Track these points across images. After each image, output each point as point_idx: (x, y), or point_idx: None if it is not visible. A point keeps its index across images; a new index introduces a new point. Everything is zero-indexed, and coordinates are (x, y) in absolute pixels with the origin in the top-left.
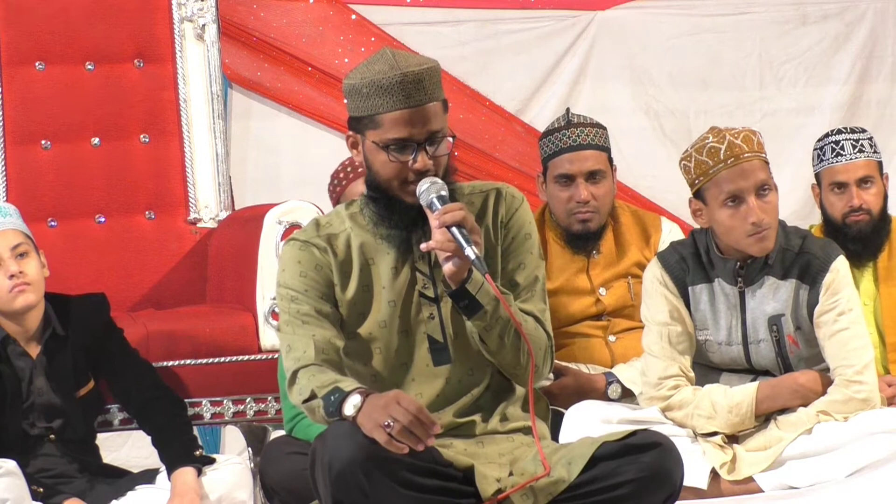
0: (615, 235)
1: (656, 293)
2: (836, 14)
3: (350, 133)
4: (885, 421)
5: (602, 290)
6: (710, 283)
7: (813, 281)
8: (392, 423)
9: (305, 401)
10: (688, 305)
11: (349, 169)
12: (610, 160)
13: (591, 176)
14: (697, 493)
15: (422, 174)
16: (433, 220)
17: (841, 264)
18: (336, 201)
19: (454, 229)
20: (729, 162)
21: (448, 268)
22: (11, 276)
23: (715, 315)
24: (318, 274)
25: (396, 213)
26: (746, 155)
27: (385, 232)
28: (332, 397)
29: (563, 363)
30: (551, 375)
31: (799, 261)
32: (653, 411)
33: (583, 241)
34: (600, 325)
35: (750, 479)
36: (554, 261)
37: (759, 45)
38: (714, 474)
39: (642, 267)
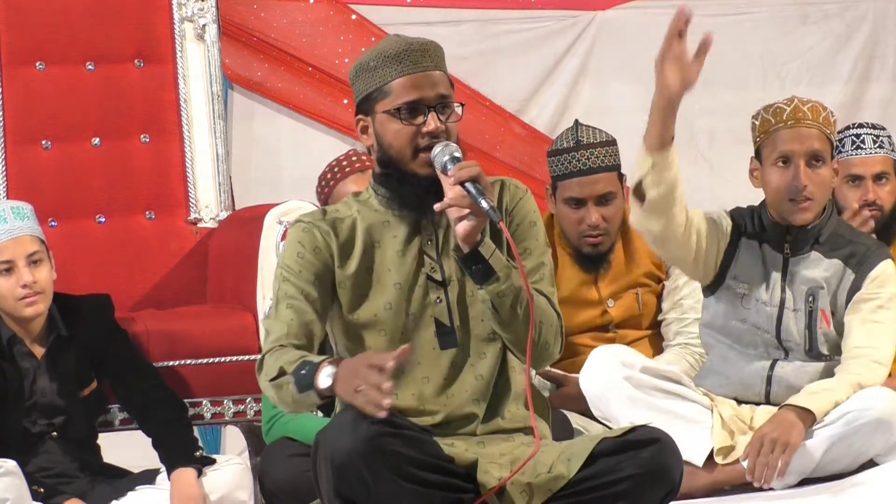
0: (624, 245)
1: (713, 214)
2: (837, 14)
3: (359, 117)
4: (872, 395)
5: (610, 302)
6: (759, 244)
7: (860, 268)
8: (363, 388)
9: (273, 379)
10: (730, 255)
11: (336, 169)
12: (620, 176)
13: (602, 199)
14: (693, 475)
15: (433, 137)
16: (447, 183)
17: (891, 267)
18: (324, 202)
19: (468, 184)
20: (789, 123)
21: (462, 227)
22: (24, 286)
23: (759, 274)
24: (316, 257)
25: (409, 186)
26: (807, 122)
27: (397, 209)
28: (302, 371)
29: (563, 373)
30: (550, 382)
31: (850, 247)
32: (676, 369)
33: (593, 262)
34: (606, 337)
35: (737, 461)
36: (563, 271)
37: (760, 45)
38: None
39: (652, 276)
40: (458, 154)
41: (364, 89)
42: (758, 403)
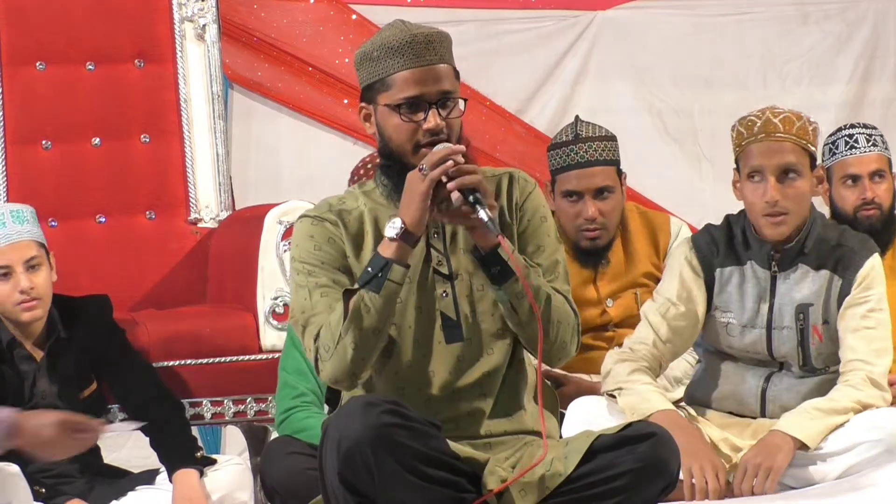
0: (624, 245)
1: (676, 270)
2: (837, 14)
3: (362, 105)
4: (882, 422)
5: (609, 302)
6: (740, 266)
7: (846, 273)
8: (423, 167)
9: (344, 321)
10: (711, 288)
11: (370, 165)
12: (619, 172)
13: (599, 192)
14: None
15: (434, 135)
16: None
17: (877, 262)
18: None
19: (468, 193)
20: (759, 137)
21: (471, 231)
22: (22, 291)
23: (742, 298)
24: (332, 247)
25: None
26: (778, 135)
27: (399, 201)
28: (368, 269)
29: (563, 372)
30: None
31: (835, 253)
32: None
33: (591, 257)
34: (606, 336)
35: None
36: None
37: (760, 44)
38: None
39: (651, 277)
40: (459, 159)
41: (366, 78)
42: (753, 417)
